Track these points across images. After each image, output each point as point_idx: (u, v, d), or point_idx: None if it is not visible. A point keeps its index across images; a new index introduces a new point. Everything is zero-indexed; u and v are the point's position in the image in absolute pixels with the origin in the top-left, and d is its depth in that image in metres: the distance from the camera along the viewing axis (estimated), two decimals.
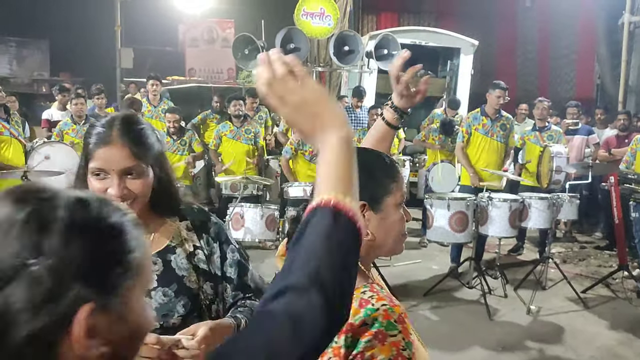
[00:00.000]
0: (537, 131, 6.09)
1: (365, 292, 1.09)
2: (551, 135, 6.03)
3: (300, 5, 8.16)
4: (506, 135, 5.56)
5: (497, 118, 5.51)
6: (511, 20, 15.02)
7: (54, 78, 27.48)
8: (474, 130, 5.49)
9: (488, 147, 5.46)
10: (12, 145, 4.97)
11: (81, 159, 1.37)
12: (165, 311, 1.35)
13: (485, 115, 5.52)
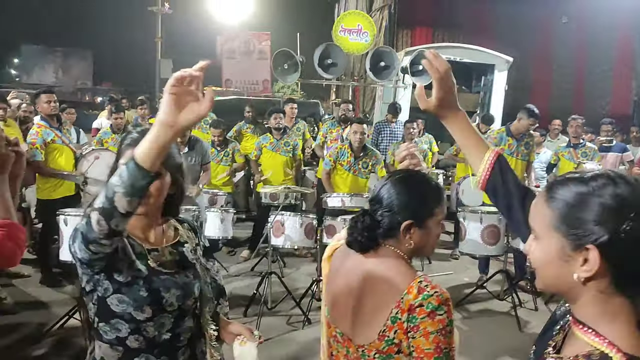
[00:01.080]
0: (571, 148, 6.18)
1: (422, 281, 1.40)
2: (585, 152, 6.09)
3: (339, 21, 8.44)
4: (528, 153, 5.67)
5: (522, 137, 5.61)
6: (547, 36, 15.02)
7: (96, 87, 28.62)
8: (500, 150, 5.58)
9: (513, 167, 5.57)
10: (64, 153, 5.30)
11: (116, 158, 1.61)
12: (184, 293, 1.56)
13: (511, 135, 5.61)
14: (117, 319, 1.48)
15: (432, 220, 1.50)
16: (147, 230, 1.58)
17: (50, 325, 4.17)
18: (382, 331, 1.40)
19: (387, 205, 1.50)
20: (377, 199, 1.53)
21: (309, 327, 4.48)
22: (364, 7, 13.38)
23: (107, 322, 1.49)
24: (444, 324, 1.35)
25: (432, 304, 1.35)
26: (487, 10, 14.84)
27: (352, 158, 5.48)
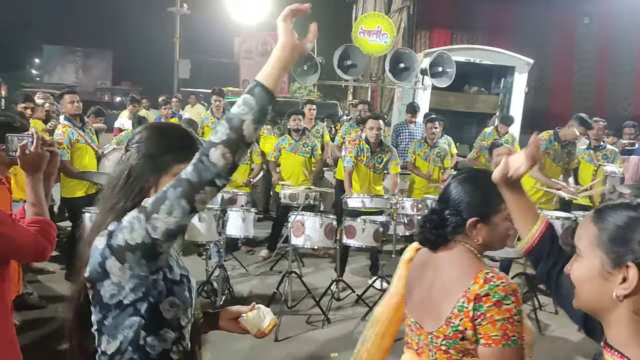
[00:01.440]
0: (591, 150, 6.11)
1: (488, 272, 1.49)
2: (606, 155, 6.04)
3: (358, 23, 8.45)
4: (569, 161, 5.62)
5: (566, 145, 5.55)
6: (569, 37, 14.89)
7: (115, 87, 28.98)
8: (546, 154, 5.51)
9: (552, 172, 5.53)
10: (87, 152, 5.39)
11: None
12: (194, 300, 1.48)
13: (558, 141, 5.54)
14: (165, 328, 1.33)
15: (498, 217, 1.58)
16: None
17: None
18: (449, 318, 1.50)
19: (453, 204, 1.61)
20: (444, 198, 1.66)
21: (328, 327, 4.50)
22: (383, 8, 13.36)
23: (156, 335, 1.32)
24: (512, 313, 1.42)
25: (498, 294, 1.43)
26: (507, 11, 14.75)
27: (369, 153, 5.50)
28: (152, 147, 1.40)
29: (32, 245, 1.95)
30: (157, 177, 1.38)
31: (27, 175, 1.96)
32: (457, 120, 9.60)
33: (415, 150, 6.51)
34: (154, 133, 1.44)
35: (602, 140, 6.19)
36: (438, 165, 6.39)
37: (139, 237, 1.21)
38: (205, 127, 7.20)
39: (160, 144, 1.41)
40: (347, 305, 5.00)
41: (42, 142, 1.96)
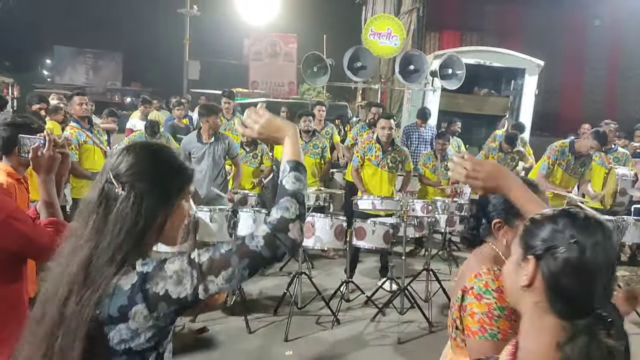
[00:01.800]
0: (602, 152, 6.08)
1: (484, 269, 1.59)
2: (617, 157, 6.00)
3: (368, 25, 8.47)
4: (583, 172, 5.62)
5: (580, 157, 5.54)
6: (579, 39, 14.83)
7: (125, 88, 29.12)
8: (557, 165, 5.54)
9: (564, 181, 5.53)
10: (95, 153, 5.45)
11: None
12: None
13: (572, 152, 5.52)
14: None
15: (520, 219, 1.57)
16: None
17: None
18: (450, 308, 1.70)
19: (482, 207, 1.73)
20: (476, 201, 1.80)
21: (337, 327, 4.52)
22: (392, 10, 13.36)
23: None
24: (491, 307, 1.50)
25: (480, 288, 1.53)
26: (517, 13, 14.74)
27: (380, 152, 5.52)
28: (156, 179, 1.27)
29: (50, 245, 1.98)
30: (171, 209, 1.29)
31: (40, 176, 2.00)
32: (466, 122, 9.57)
33: (425, 162, 6.55)
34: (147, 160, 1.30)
35: (613, 143, 6.16)
36: (446, 178, 6.40)
37: (184, 293, 1.16)
38: None
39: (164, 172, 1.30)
40: (356, 307, 5.01)
41: (54, 144, 2.00)
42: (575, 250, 1.02)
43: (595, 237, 1.04)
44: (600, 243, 1.03)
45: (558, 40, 14.79)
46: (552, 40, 14.68)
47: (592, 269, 1.02)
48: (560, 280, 1.03)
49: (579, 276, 1.02)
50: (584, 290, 1.02)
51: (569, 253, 1.03)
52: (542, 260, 1.05)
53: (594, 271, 1.02)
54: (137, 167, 1.26)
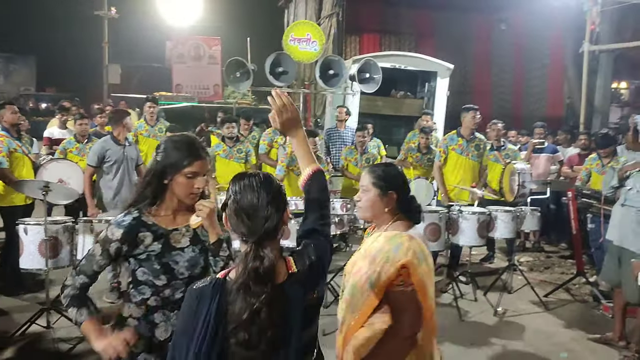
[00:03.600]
0: (495, 151, 6.64)
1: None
2: (508, 154, 6.63)
3: (289, 31, 8.70)
4: (480, 155, 6.14)
5: (472, 139, 6.08)
6: (487, 42, 15.73)
7: (40, 93, 27.73)
8: (451, 150, 6.06)
9: (464, 165, 6.04)
10: (24, 163, 5.40)
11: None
12: (193, 263, 2.04)
13: (460, 136, 6.09)
14: (142, 285, 2.00)
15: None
16: (177, 214, 2.07)
17: (12, 332, 4.26)
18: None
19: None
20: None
21: None
22: (313, 14, 13.68)
23: (136, 288, 2.01)
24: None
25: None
26: (431, 17, 15.41)
27: None
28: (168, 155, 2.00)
29: None
30: (173, 175, 1.99)
31: None
32: (385, 124, 10.05)
33: (347, 156, 6.87)
34: (170, 145, 2.03)
35: (501, 141, 6.75)
36: None
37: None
38: (139, 135, 7.18)
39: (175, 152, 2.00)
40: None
41: None
42: (232, 199, 1.57)
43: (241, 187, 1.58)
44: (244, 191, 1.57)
45: (469, 44, 15.67)
46: (464, 44, 15.54)
47: (244, 209, 1.55)
48: (231, 221, 1.58)
49: (238, 214, 1.55)
50: (244, 223, 1.54)
51: (231, 202, 1.57)
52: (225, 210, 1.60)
53: (246, 210, 1.55)
54: (164, 145, 2.04)
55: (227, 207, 1.59)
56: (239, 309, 1.48)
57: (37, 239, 4.20)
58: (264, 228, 1.53)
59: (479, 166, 6.14)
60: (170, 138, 2.09)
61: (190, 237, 2.06)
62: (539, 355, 4.41)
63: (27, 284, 5.43)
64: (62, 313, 4.38)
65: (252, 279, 1.48)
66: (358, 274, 2.04)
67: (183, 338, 1.53)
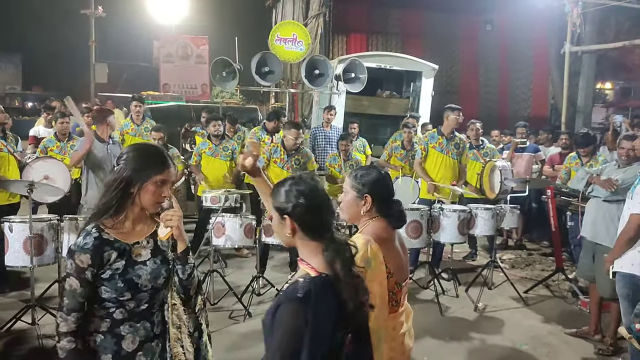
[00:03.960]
0: (474, 149, 6.76)
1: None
2: (486, 153, 6.71)
3: (274, 31, 8.77)
4: (460, 153, 6.25)
5: (452, 138, 6.19)
6: (473, 43, 15.88)
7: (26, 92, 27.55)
8: (431, 147, 6.17)
9: (444, 164, 6.14)
10: (9, 162, 5.42)
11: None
12: (155, 274, 2.01)
13: (441, 134, 6.20)
14: (105, 302, 1.96)
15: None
16: (136, 225, 2.03)
17: None
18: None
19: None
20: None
21: (250, 320, 4.81)
22: (301, 14, 13.74)
23: (99, 304, 1.97)
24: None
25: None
26: (419, 18, 15.52)
27: (285, 155, 5.84)
28: (137, 163, 1.96)
29: None
30: (142, 183, 1.95)
31: None
32: (371, 123, 10.15)
33: (331, 163, 6.91)
34: (137, 153, 2.01)
35: (480, 140, 6.86)
36: None
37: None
38: (125, 134, 7.21)
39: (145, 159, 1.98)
40: (268, 300, 5.31)
41: None
42: (304, 200, 1.67)
43: (309, 187, 1.69)
44: (313, 191, 1.69)
45: (456, 44, 15.83)
46: (451, 44, 15.70)
47: (318, 206, 1.68)
48: (307, 220, 1.67)
49: (313, 213, 1.67)
50: (320, 220, 1.68)
51: (302, 203, 1.66)
52: (292, 214, 1.67)
53: (320, 207, 1.69)
54: (131, 154, 2.00)
55: (295, 209, 1.66)
56: (348, 295, 1.60)
57: (22, 236, 4.23)
58: (332, 219, 1.71)
59: (458, 164, 6.24)
60: (135, 147, 2.07)
61: (151, 249, 2.04)
62: (516, 348, 4.53)
63: (12, 281, 5.45)
64: (48, 310, 4.42)
65: (351, 265, 1.64)
66: None
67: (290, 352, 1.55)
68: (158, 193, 1.97)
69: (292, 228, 1.68)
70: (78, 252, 1.89)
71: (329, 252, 1.63)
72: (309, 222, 1.67)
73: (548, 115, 14.86)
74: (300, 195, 1.67)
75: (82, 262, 1.88)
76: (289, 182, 1.72)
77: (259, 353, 1.72)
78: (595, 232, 4.45)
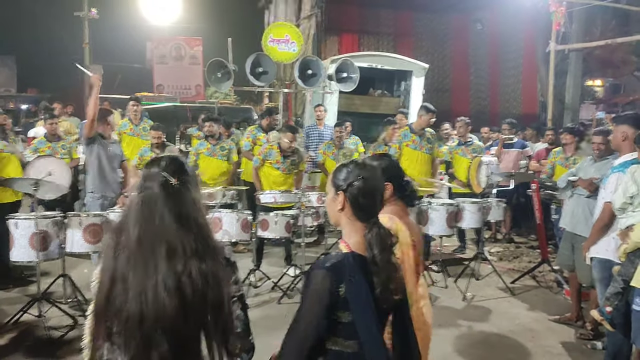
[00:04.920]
0: (463, 146, 7.01)
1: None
2: (474, 149, 6.97)
3: (267, 32, 8.97)
4: (431, 147, 6.47)
5: (423, 134, 6.43)
6: (464, 41, 16.12)
7: (21, 94, 27.62)
8: (405, 146, 6.39)
9: (419, 159, 6.38)
10: (10, 161, 5.60)
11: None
12: None
13: (413, 132, 6.42)
14: None
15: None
16: None
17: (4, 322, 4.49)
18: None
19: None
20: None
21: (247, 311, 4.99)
22: (293, 15, 13.95)
23: None
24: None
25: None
26: (410, 18, 15.73)
27: (280, 157, 6.02)
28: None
29: None
30: None
31: None
32: (363, 121, 10.35)
33: (325, 151, 7.15)
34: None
35: (468, 136, 7.11)
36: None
37: None
38: (123, 134, 7.38)
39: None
40: (264, 292, 5.52)
41: None
42: (361, 182, 1.78)
43: (370, 173, 1.81)
44: (373, 177, 1.81)
45: (447, 43, 16.06)
46: (442, 43, 15.94)
47: (372, 191, 1.80)
48: (358, 200, 1.78)
49: (366, 196, 1.78)
50: (371, 204, 1.79)
51: (359, 184, 1.77)
52: (347, 192, 1.78)
53: (374, 192, 1.80)
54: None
55: (353, 188, 1.78)
56: (378, 279, 1.71)
57: (28, 232, 4.42)
58: (380, 208, 1.83)
59: (431, 158, 6.48)
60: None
61: None
62: (502, 334, 4.75)
63: (14, 278, 5.64)
64: (54, 303, 4.62)
65: (391, 252, 1.76)
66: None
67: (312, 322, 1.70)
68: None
69: (343, 205, 1.79)
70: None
71: (371, 235, 1.74)
72: (359, 202, 1.77)
73: (537, 113, 15.12)
74: (359, 177, 1.77)
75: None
76: (353, 164, 1.84)
77: (257, 344, 1.79)
78: (574, 223, 4.67)
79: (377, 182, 1.82)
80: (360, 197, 1.77)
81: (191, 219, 1.58)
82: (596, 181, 4.34)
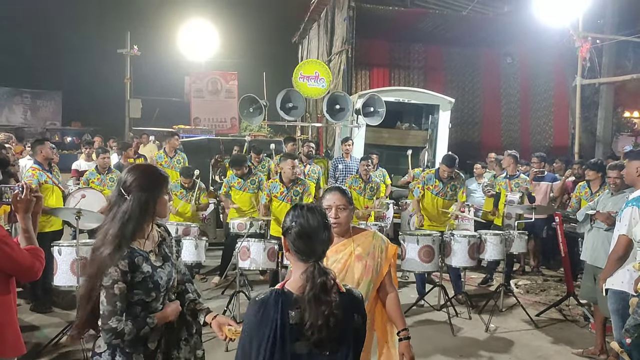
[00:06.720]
0: (507, 179, 7.13)
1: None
2: (518, 183, 7.03)
3: (298, 69, 9.37)
4: (455, 194, 6.52)
5: (449, 180, 6.47)
6: (494, 75, 16.21)
7: (65, 127, 29.02)
8: (427, 189, 6.49)
9: (436, 204, 6.43)
10: (54, 192, 6.00)
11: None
12: (168, 277, 2.35)
13: (438, 178, 6.50)
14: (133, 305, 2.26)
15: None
16: (148, 235, 2.36)
17: (45, 344, 4.77)
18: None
19: None
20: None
21: None
22: (325, 51, 14.39)
23: (128, 310, 2.22)
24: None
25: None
26: (440, 52, 15.95)
27: (284, 189, 6.07)
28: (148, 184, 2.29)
29: (30, 266, 2.62)
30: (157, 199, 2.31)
31: (19, 215, 2.64)
32: (391, 154, 10.55)
33: (352, 184, 7.33)
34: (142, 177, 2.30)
35: (516, 170, 7.25)
36: (371, 198, 7.24)
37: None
38: (159, 165, 7.78)
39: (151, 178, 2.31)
40: None
41: (30, 190, 2.66)
42: (297, 227, 1.89)
43: (305, 217, 1.90)
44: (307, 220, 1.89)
45: (478, 77, 16.19)
46: (473, 77, 16.08)
47: (308, 234, 1.87)
48: (294, 244, 1.89)
49: (302, 239, 1.88)
50: (307, 246, 1.88)
51: (295, 229, 1.89)
52: (286, 236, 1.92)
53: (309, 235, 1.88)
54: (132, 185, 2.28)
55: (290, 232, 1.89)
56: (313, 317, 1.77)
57: (69, 259, 4.74)
58: (322, 249, 1.90)
59: (451, 203, 6.53)
60: (131, 173, 2.31)
61: (162, 255, 2.38)
62: None
63: (56, 302, 5.97)
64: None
65: (322, 291, 1.80)
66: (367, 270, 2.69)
67: (250, 347, 1.81)
68: (166, 200, 2.38)
69: (286, 247, 1.94)
70: (117, 259, 2.18)
71: (306, 274, 1.84)
72: (297, 245, 1.88)
73: (569, 145, 15.01)
74: (294, 222, 1.90)
75: (124, 267, 2.18)
76: (292, 209, 1.97)
77: None
78: (594, 256, 4.72)
79: (311, 226, 1.89)
80: (296, 241, 1.88)
81: None
82: (613, 214, 4.40)
